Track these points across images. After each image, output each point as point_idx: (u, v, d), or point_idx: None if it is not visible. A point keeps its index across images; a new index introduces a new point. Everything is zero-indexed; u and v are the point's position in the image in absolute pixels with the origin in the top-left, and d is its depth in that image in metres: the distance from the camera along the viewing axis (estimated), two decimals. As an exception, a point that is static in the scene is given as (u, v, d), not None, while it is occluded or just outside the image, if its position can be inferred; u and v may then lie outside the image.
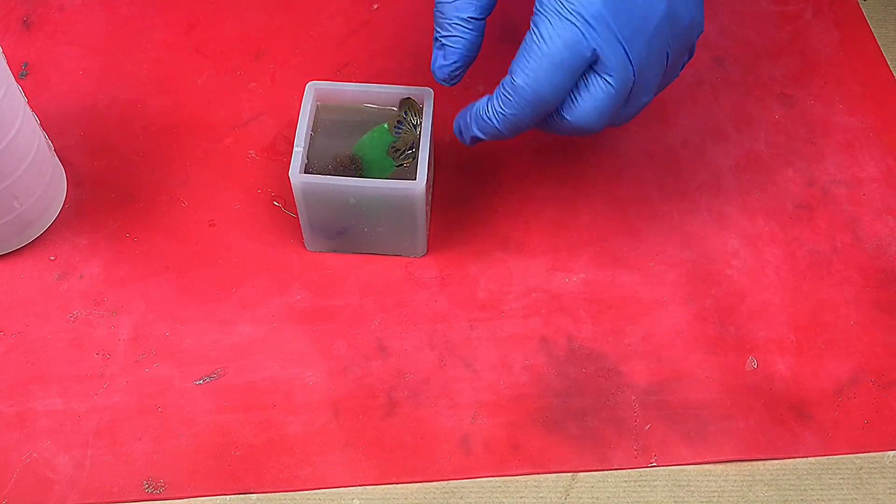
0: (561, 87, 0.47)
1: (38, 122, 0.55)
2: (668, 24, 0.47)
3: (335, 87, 0.55)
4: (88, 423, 0.51)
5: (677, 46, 0.49)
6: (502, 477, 0.50)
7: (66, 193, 0.59)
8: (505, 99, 0.48)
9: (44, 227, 0.57)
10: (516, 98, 0.47)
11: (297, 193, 0.52)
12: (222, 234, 0.57)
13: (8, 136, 0.50)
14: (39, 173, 0.55)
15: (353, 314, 0.55)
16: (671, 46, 0.48)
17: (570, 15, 0.46)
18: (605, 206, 0.59)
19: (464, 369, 0.53)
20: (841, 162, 0.61)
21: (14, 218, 0.54)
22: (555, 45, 0.46)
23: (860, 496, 0.50)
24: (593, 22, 0.45)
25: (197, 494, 0.49)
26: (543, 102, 0.47)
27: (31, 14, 0.66)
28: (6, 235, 0.55)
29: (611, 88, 0.47)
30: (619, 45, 0.46)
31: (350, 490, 0.50)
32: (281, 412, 0.51)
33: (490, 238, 0.57)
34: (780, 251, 0.57)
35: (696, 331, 0.54)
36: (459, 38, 0.50)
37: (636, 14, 0.46)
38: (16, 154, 0.52)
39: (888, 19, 0.67)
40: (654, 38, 0.47)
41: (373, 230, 0.54)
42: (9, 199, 0.53)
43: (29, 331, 0.54)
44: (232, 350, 0.53)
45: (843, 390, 0.52)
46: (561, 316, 0.55)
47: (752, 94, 0.63)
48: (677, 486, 0.50)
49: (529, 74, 0.47)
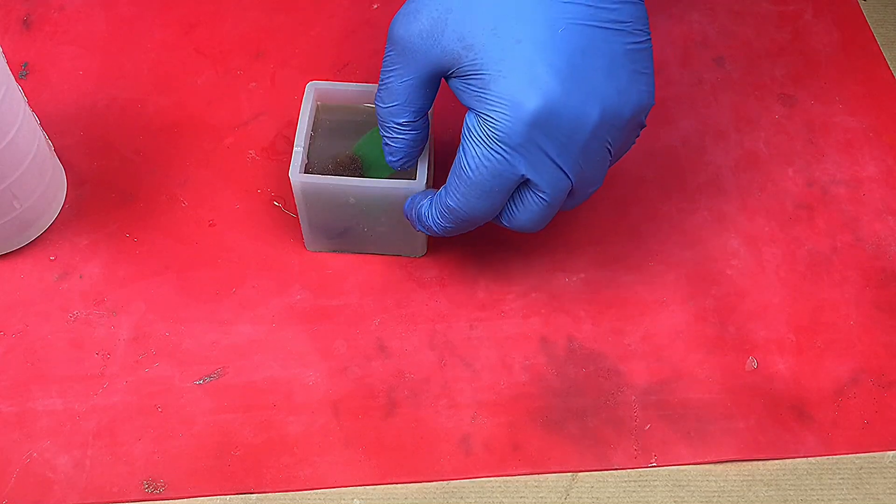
0: (493, 208, 0.47)
1: (38, 122, 0.55)
2: (604, 125, 0.45)
3: (335, 87, 0.55)
4: (88, 423, 0.51)
5: (619, 137, 0.47)
6: (502, 477, 0.50)
7: (66, 193, 0.59)
8: (442, 213, 0.48)
9: (44, 227, 0.57)
10: (451, 216, 0.48)
11: (297, 193, 0.52)
12: (222, 234, 0.57)
13: (8, 136, 0.50)
14: (39, 173, 0.55)
15: (353, 314, 0.55)
16: (612, 142, 0.47)
17: (495, 144, 0.45)
18: (605, 206, 0.59)
19: (464, 369, 0.53)
20: (841, 162, 0.61)
21: (14, 218, 0.54)
22: (482, 175, 0.45)
23: (860, 496, 0.50)
24: (520, 149, 0.44)
25: (197, 494, 0.49)
26: (479, 219, 0.48)
27: (31, 14, 0.66)
28: (6, 235, 0.55)
29: (544, 202, 0.47)
30: (549, 163, 0.45)
31: (350, 490, 0.50)
32: (281, 412, 0.51)
33: (490, 238, 0.57)
34: (780, 251, 0.57)
35: (696, 331, 0.54)
36: (400, 139, 0.50)
37: (566, 128, 0.44)
38: (16, 154, 0.52)
39: (888, 19, 0.67)
40: (590, 143, 0.45)
41: (373, 230, 0.54)
42: (9, 198, 0.53)
43: (29, 331, 0.54)
44: (232, 350, 0.53)
45: (843, 390, 0.52)
46: (561, 316, 0.55)
47: (752, 94, 0.63)
48: (677, 486, 0.50)
49: (461, 199, 0.47)
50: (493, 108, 0.44)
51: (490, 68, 0.44)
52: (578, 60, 0.44)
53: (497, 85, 0.44)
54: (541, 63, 0.44)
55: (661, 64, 0.64)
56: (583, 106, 0.44)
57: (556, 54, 0.44)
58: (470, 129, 0.46)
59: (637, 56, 0.46)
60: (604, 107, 0.45)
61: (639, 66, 0.46)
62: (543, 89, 0.44)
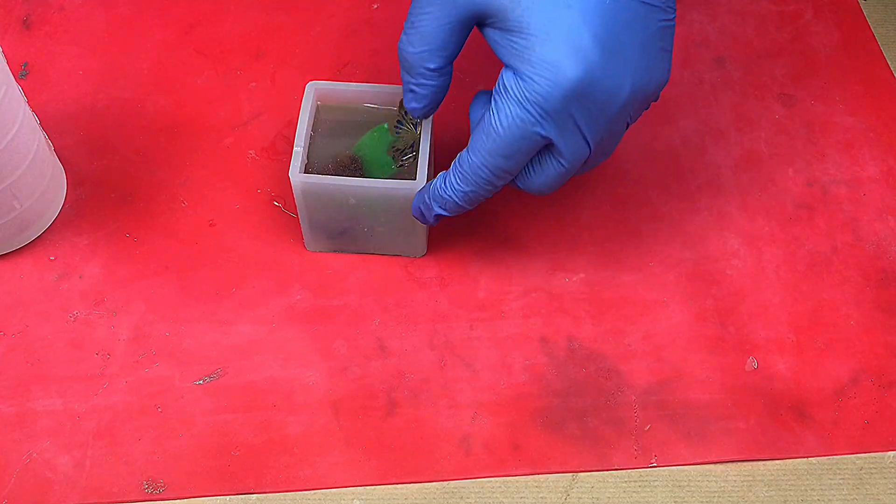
0: (514, 169, 0.47)
1: (38, 122, 0.55)
2: (632, 100, 0.46)
3: (335, 87, 0.55)
4: (88, 423, 0.51)
5: (638, 112, 0.48)
6: (502, 477, 0.50)
7: (66, 193, 0.59)
8: (462, 176, 0.48)
9: (44, 227, 0.57)
10: (473, 177, 0.48)
11: (297, 193, 0.52)
12: (222, 234, 0.57)
13: (8, 136, 0.51)
14: (39, 173, 0.55)
15: (353, 314, 0.55)
16: (632, 117, 0.48)
17: (531, 106, 0.45)
18: (605, 206, 0.59)
19: (464, 369, 0.53)
20: (841, 162, 0.61)
21: (14, 218, 0.54)
22: (512, 134, 0.46)
23: (860, 496, 0.50)
24: (554, 116, 0.45)
25: (197, 494, 0.49)
26: (499, 180, 0.48)
27: (31, 14, 0.66)
28: (6, 235, 0.55)
29: (563, 168, 0.47)
30: (577, 132, 0.46)
31: (350, 490, 0.50)
32: (281, 412, 0.51)
33: (490, 238, 0.57)
34: (780, 251, 0.57)
35: (696, 331, 0.54)
36: (428, 85, 0.49)
37: (599, 100, 0.45)
38: (16, 154, 0.52)
39: (888, 19, 0.67)
40: (616, 118, 0.46)
41: (373, 230, 0.54)
42: (9, 199, 0.53)
43: (29, 331, 0.54)
44: (232, 350, 0.53)
45: (843, 390, 0.52)
46: (561, 316, 0.55)
47: (752, 94, 0.63)
48: (677, 486, 0.50)
49: (486, 157, 0.47)
50: (535, 71, 0.44)
51: (537, 30, 0.44)
52: (621, 34, 0.44)
53: (543, 48, 0.44)
54: (587, 32, 0.44)
55: (661, 64, 0.65)
56: (618, 80, 0.45)
57: (603, 26, 0.44)
58: (506, 87, 0.46)
59: (665, 33, 0.47)
60: (634, 82, 0.45)
61: (665, 43, 0.47)
62: (587, 60, 0.44)
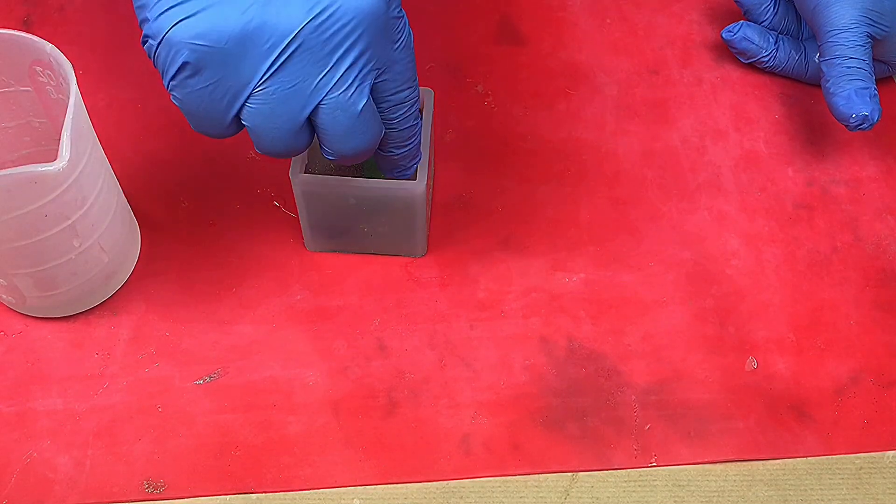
0: None
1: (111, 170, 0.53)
2: None
3: (335, 87, 0.55)
4: (88, 423, 0.51)
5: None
6: (502, 477, 0.50)
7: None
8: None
9: (127, 275, 0.55)
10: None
11: (297, 193, 0.52)
12: (222, 233, 0.57)
13: (94, 193, 0.49)
14: (121, 222, 0.53)
15: (353, 314, 0.55)
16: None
17: None
18: (605, 206, 0.59)
19: (464, 369, 0.53)
20: (841, 162, 0.61)
21: (102, 269, 0.53)
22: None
23: (860, 496, 0.50)
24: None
25: (197, 494, 0.49)
26: None
27: (31, 14, 0.66)
28: (93, 288, 0.54)
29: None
30: None
31: (350, 490, 0.50)
32: (281, 412, 0.51)
33: (490, 238, 0.57)
34: (780, 251, 0.57)
35: (696, 331, 0.54)
36: None
37: None
38: (103, 207, 0.51)
39: (888, 19, 0.67)
40: None
41: (373, 230, 0.54)
42: (97, 252, 0.51)
43: (29, 331, 0.54)
44: (232, 350, 0.53)
45: (843, 390, 0.52)
46: (561, 316, 0.55)
47: (752, 94, 0.63)
48: (677, 486, 0.50)
49: None
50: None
51: None
52: None
53: None
54: None
55: (660, 64, 0.64)
56: None
57: None
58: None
59: None
60: None
61: None
62: None
